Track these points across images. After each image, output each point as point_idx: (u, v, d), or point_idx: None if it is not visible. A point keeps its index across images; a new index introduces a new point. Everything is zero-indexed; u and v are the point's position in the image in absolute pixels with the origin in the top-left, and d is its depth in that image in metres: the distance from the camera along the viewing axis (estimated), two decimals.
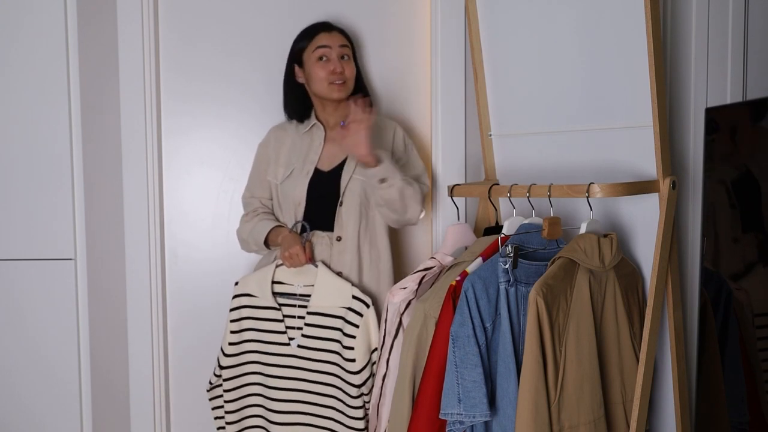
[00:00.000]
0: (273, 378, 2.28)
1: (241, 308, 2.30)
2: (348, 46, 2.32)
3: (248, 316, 2.29)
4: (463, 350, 1.83)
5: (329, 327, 2.23)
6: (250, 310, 2.29)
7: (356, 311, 2.20)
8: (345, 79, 2.29)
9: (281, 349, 2.27)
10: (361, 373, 2.18)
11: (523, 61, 2.28)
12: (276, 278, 2.28)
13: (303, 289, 2.26)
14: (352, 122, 2.17)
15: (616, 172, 2.04)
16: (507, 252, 1.86)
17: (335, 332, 2.22)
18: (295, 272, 2.26)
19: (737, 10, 2.19)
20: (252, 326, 2.29)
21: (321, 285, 2.23)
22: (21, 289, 2.51)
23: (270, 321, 2.28)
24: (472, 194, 2.26)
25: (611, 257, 1.89)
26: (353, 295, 2.21)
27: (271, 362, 2.28)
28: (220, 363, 2.31)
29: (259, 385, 2.30)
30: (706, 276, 2.03)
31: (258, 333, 2.29)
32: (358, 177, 2.29)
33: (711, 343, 2.02)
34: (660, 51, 1.89)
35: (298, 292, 2.27)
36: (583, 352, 1.85)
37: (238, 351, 2.30)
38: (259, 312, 2.29)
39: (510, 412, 1.82)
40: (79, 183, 2.49)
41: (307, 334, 2.24)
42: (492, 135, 2.40)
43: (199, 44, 2.52)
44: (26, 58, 2.47)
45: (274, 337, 2.28)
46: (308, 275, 2.25)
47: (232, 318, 2.30)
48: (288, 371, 2.27)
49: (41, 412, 2.53)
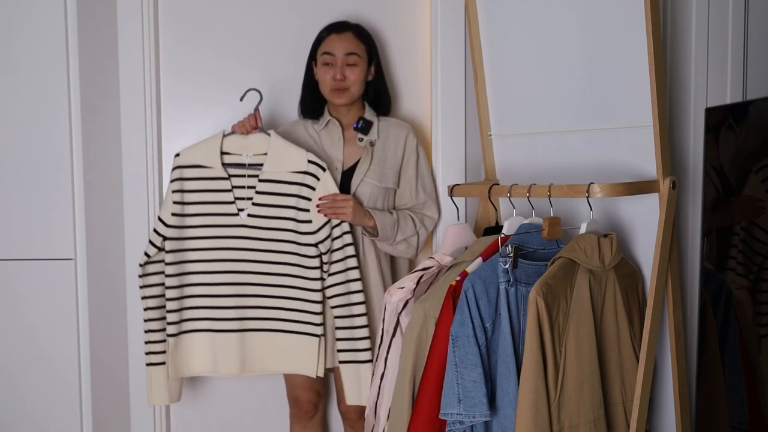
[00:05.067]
0: (220, 250, 2.24)
1: (183, 180, 2.25)
2: (355, 54, 2.29)
3: (192, 188, 2.24)
4: (463, 350, 1.83)
5: (283, 194, 2.23)
6: (193, 183, 2.25)
7: (313, 174, 2.21)
8: (347, 86, 2.29)
9: (230, 220, 2.24)
10: (318, 233, 2.19)
11: (523, 61, 2.28)
12: (224, 149, 2.26)
13: (252, 158, 2.25)
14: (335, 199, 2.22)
15: (616, 172, 2.04)
16: (507, 252, 1.86)
17: (290, 198, 2.22)
18: (245, 142, 2.25)
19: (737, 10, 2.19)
20: (196, 199, 2.25)
21: (274, 151, 2.23)
22: (21, 289, 2.51)
23: (217, 192, 2.24)
24: (472, 194, 2.26)
25: (611, 257, 1.89)
26: (309, 160, 2.22)
27: (219, 234, 2.24)
28: (159, 232, 2.24)
29: (204, 261, 2.25)
30: (706, 276, 2.02)
31: (204, 206, 2.25)
32: (369, 180, 2.30)
33: (711, 343, 2.02)
34: (660, 51, 1.89)
35: (247, 161, 2.25)
36: (583, 352, 1.85)
37: (181, 224, 2.25)
38: (204, 183, 2.24)
39: (510, 412, 1.82)
40: (79, 183, 2.49)
41: (259, 202, 2.23)
42: (492, 135, 2.40)
43: (200, 45, 2.52)
44: (26, 58, 2.47)
45: (222, 208, 2.24)
46: (259, 144, 2.25)
47: (173, 189, 2.24)
48: (237, 242, 2.24)
49: (41, 412, 2.53)
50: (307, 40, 2.37)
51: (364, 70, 2.32)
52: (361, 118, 2.35)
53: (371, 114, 2.38)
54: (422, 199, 2.37)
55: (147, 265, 2.27)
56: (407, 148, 2.36)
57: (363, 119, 2.35)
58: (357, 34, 2.33)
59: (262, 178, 2.23)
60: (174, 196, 2.24)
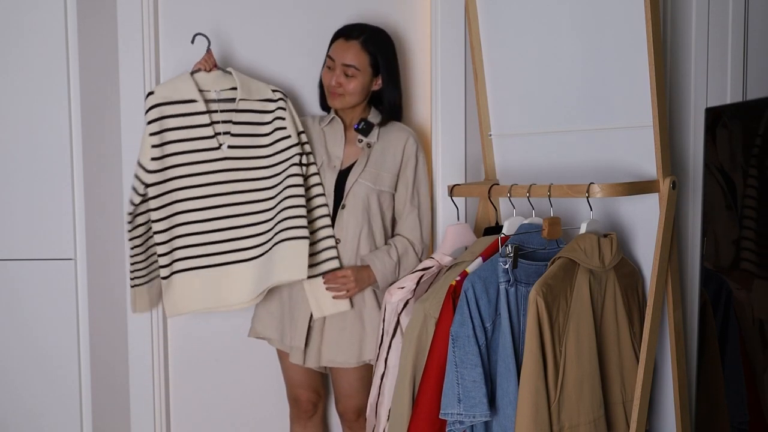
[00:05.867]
0: (206, 186, 2.28)
1: (162, 119, 2.25)
2: (353, 66, 2.27)
3: (172, 126, 2.26)
4: (463, 350, 1.83)
5: (259, 122, 2.30)
6: (173, 120, 2.26)
7: (281, 98, 2.30)
8: (342, 93, 2.30)
9: (212, 155, 2.28)
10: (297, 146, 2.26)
11: (523, 61, 2.28)
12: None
13: (220, 93, 2.30)
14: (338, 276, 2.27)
15: (616, 172, 2.04)
16: (507, 252, 1.86)
17: (266, 126, 2.30)
18: (212, 78, 2.30)
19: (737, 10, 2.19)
20: (177, 137, 2.26)
21: (243, 84, 2.29)
22: (21, 289, 2.50)
23: (197, 128, 2.27)
24: (472, 194, 2.27)
25: (611, 257, 1.89)
26: (272, 89, 2.33)
27: (203, 170, 2.28)
28: (142, 180, 2.24)
29: (191, 200, 2.28)
30: (706, 276, 2.02)
31: (185, 143, 2.27)
32: (363, 182, 2.29)
33: (711, 343, 2.02)
34: (660, 51, 1.89)
35: (216, 97, 2.30)
36: (583, 352, 1.85)
37: (163, 166, 2.25)
38: (184, 120, 2.26)
39: (510, 412, 1.82)
40: (79, 183, 2.49)
41: (238, 132, 2.29)
42: (492, 135, 2.40)
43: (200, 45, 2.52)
44: (26, 58, 2.47)
45: (203, 144, 2.28)
46: (224, 80, 2.31)
47: (151, 131, 2.24)
48: (221, 175, 2.28)
49: (41, 412, 2.53)
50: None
51: (362, 82, 2.30)
52: (362, 120, 2.35)
53: (375, 117, 2.37)
54: (417, 203, 2.36)
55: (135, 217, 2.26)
56: (406, 152, 2.35)
57: (364, 121, 2.35)
58: (364, 45, 2.29)
59: (239, 108, 2.29)
60: (152, 139, 2.23)
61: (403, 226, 2.35)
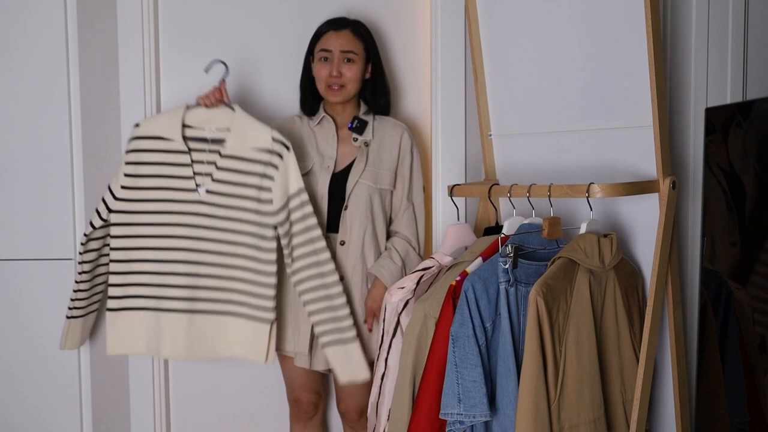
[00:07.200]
0: (174, 226, 2.17)
1: (140, 152, 2.18)
2: (352, 51, 2.29)
3: (148, 161, 2.17)
4: (463, 350, 1.83)
5: (245, 172, 2.16)
6: (151, 155, 2.18)
7: (278, 153, 2.15)
8: (343, 83, 2.28)
9: (186, 196, 2.17)
10: (278, 215, 2.14)
11: (523, 62, 2.28)
12: (186, 122, 2.20)
13: (215, 133, 2.18)
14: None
15: (616, 172, 2.04)
16: (507, 252, 1.86)
17: (252, 177, 2.15)
18: (208, 115, 2.19)
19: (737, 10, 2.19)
20: (152, 172, 2.18)
21: (238, 127, 2.16)
22: (21, 289, 2.51)
23: (175, 166, 2.17)
24: (472, 194, 2.26)
25: (611, 257, 1.89)
26: (273, 138, 2.16)
27: (174, 210, 2.18)
28: (107, 204, 2.18)
29: (155, 237, 2.18)
30: (706, 276, 2.02)
31: (159, 179, 2.18)
32: (365, 182, 2.29)
33: (711, 343, 2.02)
34: (660, 51, 1.89)
35: (210, 136, 2.18)
36: (583, 352, 1.85)
37: (133, 197, 2.18)
38: (162, 156, 2.18)
39: (510, 412, 1.82)
40: (79, 183, 2.49)
41: (219, 178, 2.16)
42: (492, 135, 2.40)
43: (200, 44, 2.52)
44: (26, 58, 2.47)
45: (179, 183, 2.17)
46: (222, 118, 2.18)
47: (128, 160, 2.18)
48: (192, 218, 2.17)
49: (42, 412, 2.53)
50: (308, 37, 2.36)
51: (360, 68, 2.31)
52: (355, 118, 2.34)
53: (366, 113, 2.37)
54: (414, 199, 2.36)
55: (89, 241, 2.21)
56: (402, 148, 2.35)
57: (358, 119, 2.33)
58: (355, 32, 2.32)
59: (225, 153, 2.16)
60: (127, 168, 2.18)
61: (400, 224, 2.35)
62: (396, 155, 2.34)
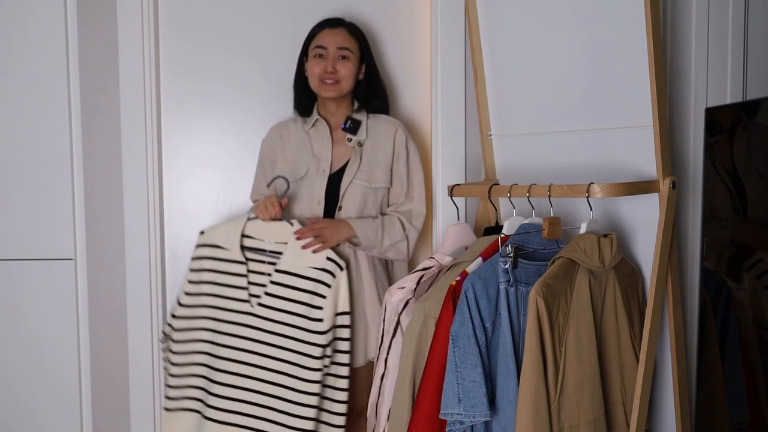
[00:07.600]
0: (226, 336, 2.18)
1: (203, 259, 2.22)
2: (347, 48, 2.30)
3: (209, 268, 2.21)
4: (463, 350, 1.83)
5: (297, 288, 2.16)
6: (212, 262, 2.21)
7: (330, 272, 2.15)
8: (337, 79, 2.28)
9: (239, 306, 2.19)
10: (327, 334, 2.14)
11: (523, 61, 2.28)
12: (246, 232, 2.21)
13: (274, 246, 2.19)
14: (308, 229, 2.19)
15: (616, 172, 2.04)
16: (507, 252, 1.86)
17: (303, 294, 2.15)
18: (268, 228, 2.20)
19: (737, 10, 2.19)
20: (211, 279, 2.21)
21: (294, 243, 2.17)
22: (21, 289, 2.51)
23: (232, 275, 2.19)
24: (472, 194, 2.26)
25: (611, 257, 1.89)
26: (327, 257, 2.17)
27: (227, 319, 2.19)
28: (174, 312, 2.24)
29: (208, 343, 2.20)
30: (706, 276, 2.03)
31: (217, 287, 2.20)
32: (359, 182, 2.28)
33: (711, 343, 2.02)
34: (660, 51, 1.89)
35: (268, 248, 2.20)
36: (583, 352, 1.85)
37: (194, 303, 2.22)
38: (221, 265, 2.21)
39: (510, 412, 1.82)
40: (79, 183, 2.49)
41: (272, 293, 2.17)
42: (492, 135, 2.40)
43: (200, 44, 2.52)
44: (26, 58, 2.47)
45: (234, 293, 2.19)
46: (282, 232, 2.19)
47: (192, 267, 2.22)
48: (243, 330, 2.17)
49: (41, 412, 2.53)
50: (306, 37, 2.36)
51: (355, 66, 2.31)
52: (348, 118, 2.33)
53: (360, 113, 2.37)
54: (412, 195, 2.35)
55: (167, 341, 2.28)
56: (396, 144, 2.34)
57: (351, 119, 2.32)
58: (350, 31, 2.33)
59: (279, 268, 2.18)
60: (191, 275, 2.24)
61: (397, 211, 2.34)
62: (390, 152, 2.33)
